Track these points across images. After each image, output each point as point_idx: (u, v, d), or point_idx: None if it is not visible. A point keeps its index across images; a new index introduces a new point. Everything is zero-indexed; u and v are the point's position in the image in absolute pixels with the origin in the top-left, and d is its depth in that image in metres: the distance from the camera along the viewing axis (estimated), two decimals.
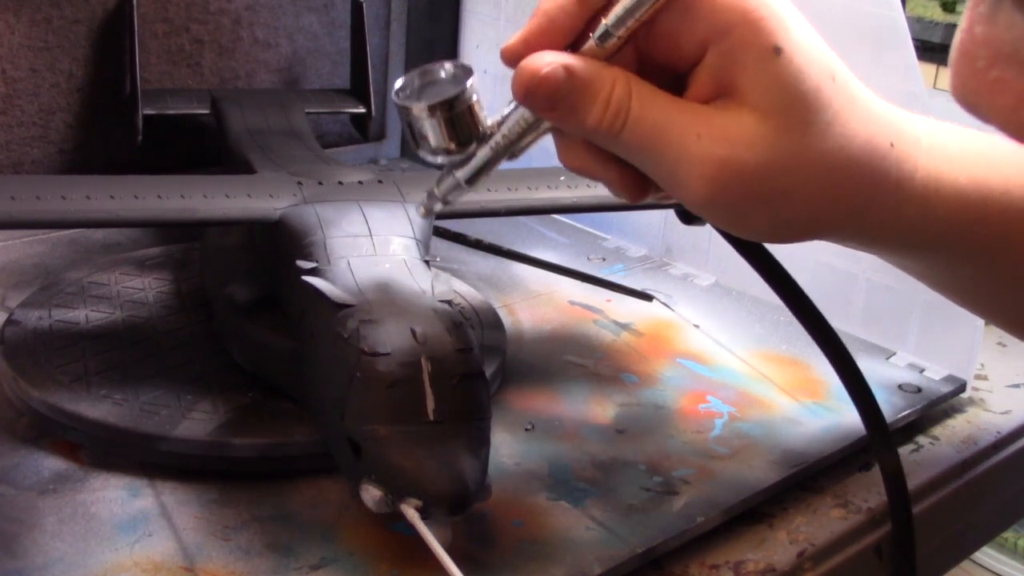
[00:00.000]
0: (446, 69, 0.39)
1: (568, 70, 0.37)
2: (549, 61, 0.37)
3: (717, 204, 0.38)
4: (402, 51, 0.97)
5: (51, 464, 0.48)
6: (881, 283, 0.64)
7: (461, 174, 0.40)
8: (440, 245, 0.75)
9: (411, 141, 0.40)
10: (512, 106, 0.39)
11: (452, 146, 0.39)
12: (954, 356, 0.62)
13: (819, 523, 0.50)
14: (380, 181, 0.59)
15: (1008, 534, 1.44)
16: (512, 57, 0.38)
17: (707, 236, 0.74)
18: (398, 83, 0.39)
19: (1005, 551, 1.46)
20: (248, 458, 0.49)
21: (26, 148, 0.79)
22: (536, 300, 0.69)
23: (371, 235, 0.53)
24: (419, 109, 0.38)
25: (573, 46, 0.38)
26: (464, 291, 0.64)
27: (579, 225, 0.82)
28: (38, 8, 0.77)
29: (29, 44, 0.77)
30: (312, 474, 0.49)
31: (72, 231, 0.73)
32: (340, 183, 0.59)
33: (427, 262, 0.53)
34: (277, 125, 0.75)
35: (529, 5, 0.84)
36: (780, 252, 0.45)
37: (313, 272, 0.50)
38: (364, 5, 0.86)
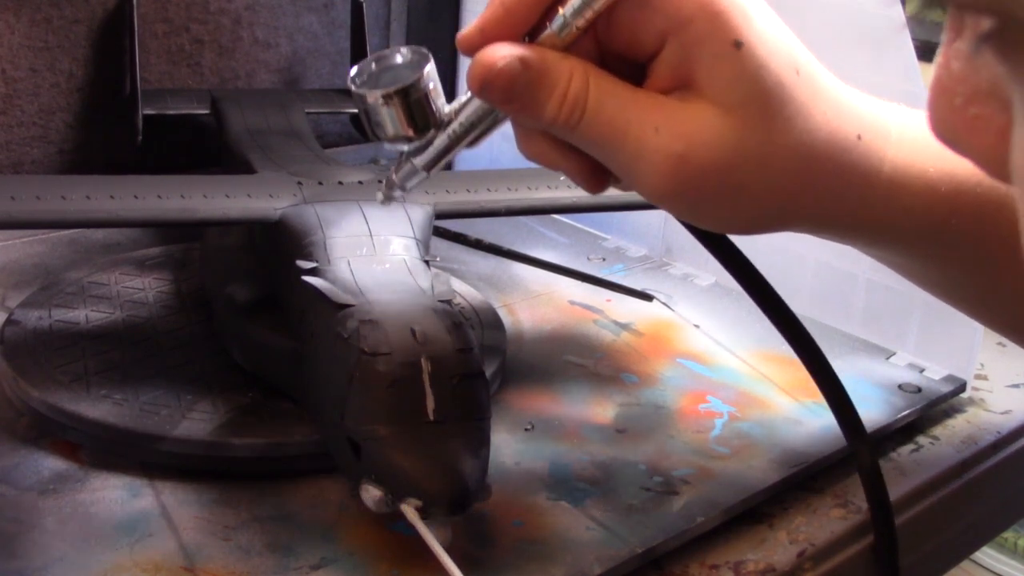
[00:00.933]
0: (402, 54, 0.39)
1: (524, 62, 0.36)
2: (504, 54, 0.36)
3: (675, 198, 0.38)
4: None
5: (51, 464, 0.48)
6: (881, 283, 0.64)
7: (419, 161, 0.40)
8: (440, 245, 0.75)
9: (368, 128, 0.39)
10: (468, 96, 0.39)
11: (409, 133, 0.38)
12: (954, 356, 0.62)
13: (819, 523, 0.50)
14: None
15: (1008, 534, 1.44)
16: (468, 46, 0.37)
17: None
18: (353, 70, 0.39)
19: (1005, 551, 1.46)
20: (248, 458, 0.49)
21: (26, 148, 0.79)
22: (536, 300, 0.69)
23: (371, 235, 0.53)
24: (374, 97, 0.38)
25: (530, 35, 0.37)
26: (464, 291, 0.64)
27: (579, 225, 0.82)
28: (38, 8, 0.77)
29: (29, 44, 0.77)
30: (312, 474, 0.49)
31: (72, 231, 0.73)
32: (340, 183, 0.59)
33: (427, 262, 0.53)
34: (277, 125, 0.75)
35: None
36: (780, 250, 0.45)
37: (313, 272, 0.50)
38: (364, 5, 0.86)
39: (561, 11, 0.36)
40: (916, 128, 0.41)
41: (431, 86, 0.38)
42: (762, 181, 0.37)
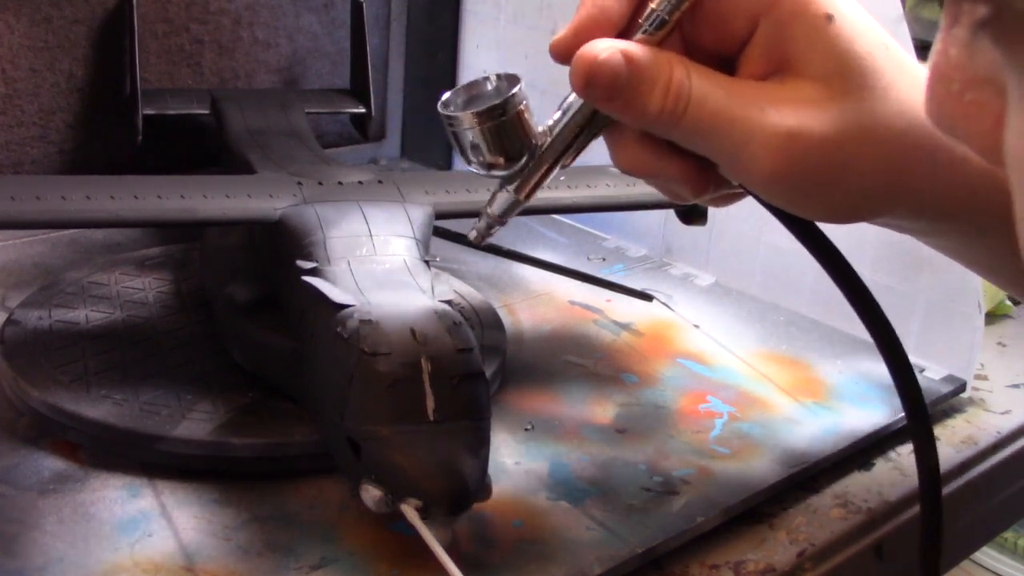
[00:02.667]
0: (491, 81, 0.38)
1: (626, 55, 0.36)
2: (606, 47, 0.36)
3: (786, 179, 0.37)
4: (402, 51, 0.97)
5: (51, 464, 0.48)
6: (881, 283, 0.64)
7: (514, 187, 0.39)
8: (440, 245, 0.75)
9: (461, 155, 0.38)
10: (560, 112, 0.38)
11: (501, 160, 0.38)
12: (954, 356, 0.62)
13: (819, 523, 0.50)
14: (380, 181, 0.59)
15: (1008, 534, 1.44)
16: (562, 51, 0.37)
17: (707, 236, 0.74)
18: (444, 97, 0.38)
19: (1005, 551, 1.46)
20: (248, 458, 0.49)
21: (26, 148, 0.79)
22: (536, 300, 0.69)
23: (371, 235, 0.53)
24: (467, 119, 0.37)
25: (622, 36, 0.37)
26: (464, 291, 0.64)
27: (579, 225, 0.82)
28: (38, 8, 0.77)
29: (29, 44, 0.77)
30: (312, 474, 0.49)
31: (72, 231, 0.73)
32: (340, 183, 0.59)
33: (427, 262, 0.53)
34: (277, 125, 0.75)
35: (529, 5, 0.84)
36: (780, 250, 0.44)
37: (313, 272, 0.50)
38: (364, 5, 0.86)
39: (652, 6, 0.36)
40: None
41: (522, 105, 0.37)
42: (866, 157, 0.37)
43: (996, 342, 0.70)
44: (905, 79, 0.38)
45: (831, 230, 0.42)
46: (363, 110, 0.86)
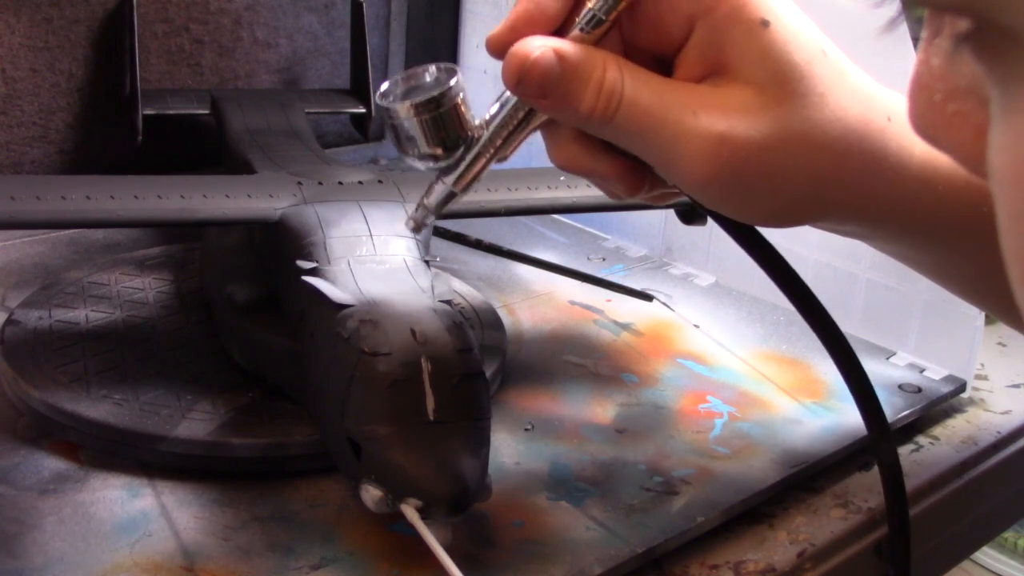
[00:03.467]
0: (430, 72, 0.39)
1: (559, 54, 0.36)
2: (539, 45, 0.36)
3: (717, 183, 0.37)
4: (402, 51, 0.97)
5: (51, 464, 0.48)
6: (881, 283, 0.64)
7: (449, 179, 0.39)
8: (440, 245, 0.75)
9: (396, 145, 0.39)
10: (498, 106, 0.39)
11: (439, 151, 0.38)
12: (954, 356, 0.62)
13: (819, 523, 0.50)
14: (380, 181, 0.59)
15: (1008, 534, 1.44)
16: (498, 46, 0.37)
17: (707, 236, 0.74)
18: (383, 87, 0.39)
19: (1005, 551, 1.46)
20: (248, 458, 0.49)
21: (26, 148, 0.79)
22: (536, 300, 0.69)
23: (371, 235, 0.53)
24: (404, 110, 0.37)
25: (558, 33, 0.37)
26: (464, 291, 0.64)
27: (579, 225, 0.82)
28: (38, 8, 0.77)
29: (29, 44, 0.77)
30: (312, 474, 0.49)
31: (72, 231, 0.73)
32: (340, 183, 0.59)
33: (427, 262, 0.53)
34: (277, 125, 0.75)
35: None
36: (780, 250, 0.44)
37: (313, 272, 0.50)
38: (364, 5, 0.86)
39: (589, 5, 0.36)
40: None
41: (459, 97, 0.38)
42: (799, 162, 0.37)
43: (996, 342, 0.70)
44: (844, 85, 0.38)
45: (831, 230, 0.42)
46: (363, 110, 0.86)
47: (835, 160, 0.38)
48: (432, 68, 0.39)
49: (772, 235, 0.41)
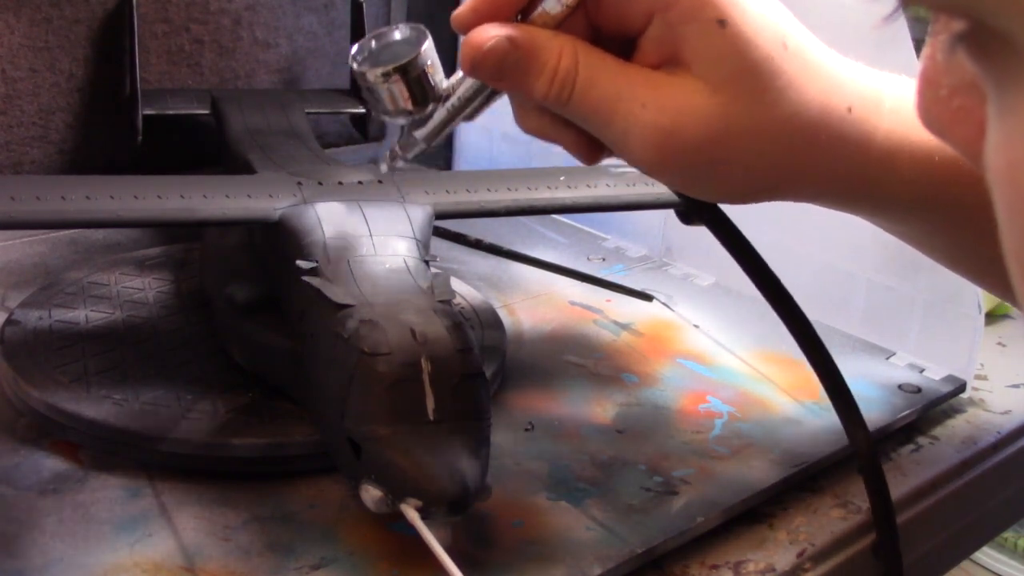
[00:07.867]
0: (401, 31, 0.40)
1: (512, 42, 0.37)
2: (493, 34, 0.37)
3: (664, 170, 0.38)
4: None
5: (51, 464, 0.48)
6: (881, 283, 0.64)
7: (419, 133, 0.41)
8: (440, 245, 0.75)
9: (369, 104, 0.41)
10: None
11: (409, 108, 0.40)
12: (954, 356, 0.62)
13: (819, 523, 0.50)
14: (380, 181, 0.59)
15: (1008, 534, 1.44)
16: (461, 25, 0.38)
17: (707, 236, 0.74)
18: (354, 48, 0.40)
19: (1005, 551, 1.46)
20: (248, 458, 0.49)
21: (26, 148, 0.79)
22: (536, 300, 0.69)
23: (371, 235, 0.53)
24: (375, 75, 0.39)
25: (524, 12, 0.38)
26: (464, 291, 0.64)
27: (579, 225, 0.82)
28: (38, 8, 0.77)
29: (29, 44, 0.77)
30: (312, 474, 0.49)
31: (72, 231, 0.73)
32: (340, 183, 0.59)
33: (427, 262, 0.53)
34: (277, 125, 0.75)
35: None
36: (780, 250, 0.44)
37: (313, 272, 0.50)
38: (364, 5, 0.86)
39: None
40: (912, 98, 0.41)
41: (429, 63, 0.39)
42: (751, 154, 0.38)
43: (996, 342, 0.70)
44: (807, 73, 0.38)
45: (832, 230, 0.42)
46: (363, 110, 0.86)
47: (790, 152, 0.38)
48: (402, 27, 0.40)
49: (771, 233, 0.41)
